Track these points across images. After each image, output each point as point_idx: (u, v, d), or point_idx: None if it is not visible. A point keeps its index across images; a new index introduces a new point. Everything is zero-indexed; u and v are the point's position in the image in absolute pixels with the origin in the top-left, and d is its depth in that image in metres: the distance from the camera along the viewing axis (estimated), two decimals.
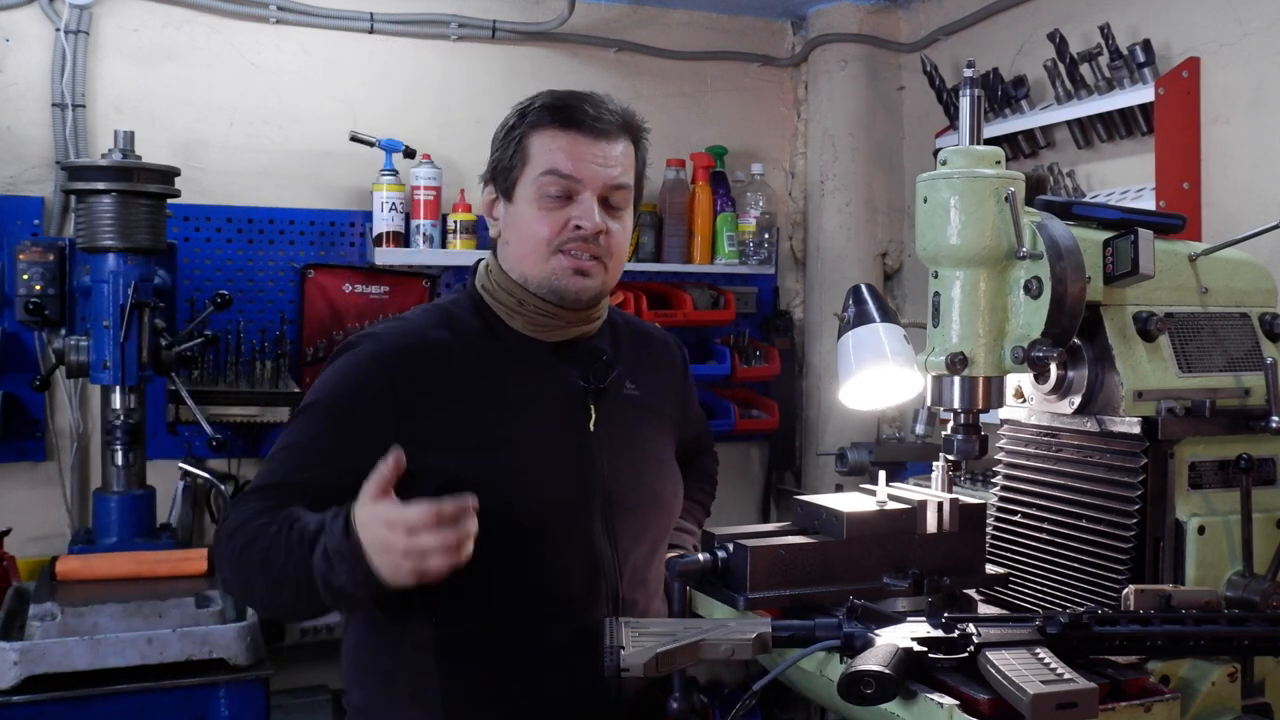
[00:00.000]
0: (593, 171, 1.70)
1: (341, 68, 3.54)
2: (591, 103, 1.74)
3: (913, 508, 1.76)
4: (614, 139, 1.73)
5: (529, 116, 1.73)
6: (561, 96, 1.75)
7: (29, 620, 2.36)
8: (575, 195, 1.70)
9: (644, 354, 1.90)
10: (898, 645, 1.45)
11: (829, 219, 3.98)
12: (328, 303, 3.45)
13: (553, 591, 1.68)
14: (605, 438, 1.74)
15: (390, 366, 1.68)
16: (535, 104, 1.74)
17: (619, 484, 1.74)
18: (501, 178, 1.76)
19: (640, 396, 1.83)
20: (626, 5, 3.86)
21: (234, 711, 2.45)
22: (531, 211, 1.71)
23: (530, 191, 1.71)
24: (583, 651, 1.66)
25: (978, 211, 1.62)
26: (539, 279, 1.72)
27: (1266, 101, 2.72)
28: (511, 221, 1.75)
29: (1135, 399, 1.72)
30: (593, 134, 1.71)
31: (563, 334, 1.76)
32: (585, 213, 1.69)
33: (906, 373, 1.99)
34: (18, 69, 3.23)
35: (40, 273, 3.06)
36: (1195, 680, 1.55)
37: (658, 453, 1.85)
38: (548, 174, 1.70)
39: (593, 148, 1.71)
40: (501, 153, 1.75)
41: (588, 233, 1.69)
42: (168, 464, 3.22)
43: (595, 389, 1.74)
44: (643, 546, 1.77)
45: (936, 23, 3.79)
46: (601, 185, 1.71)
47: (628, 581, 1.73)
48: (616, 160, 1.73)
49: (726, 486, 4.00)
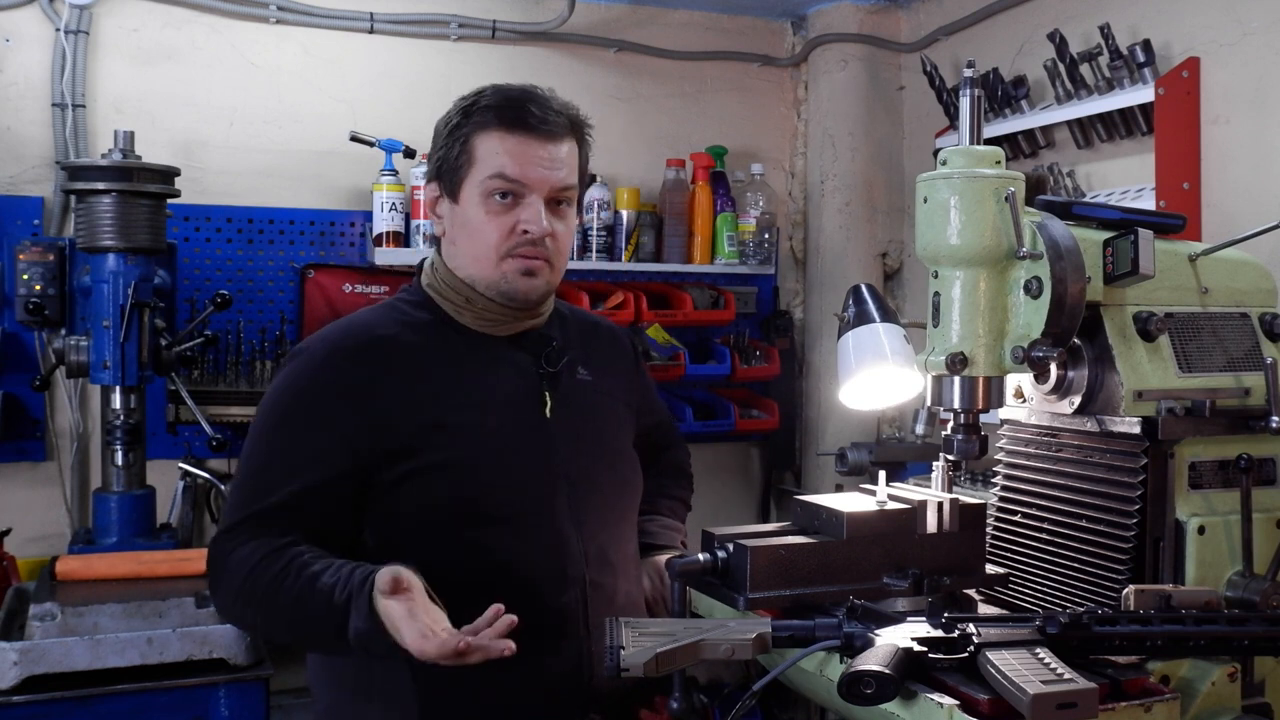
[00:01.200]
0: (540, 175, 1.70)
1: (341, 68, 3.54)
2: (537, 102, 1.72)
3: (913, 508, 1.75)
4: (560, 140, 1.72)
5: (474, 116, 1.71)
6: (507, 96, 1.73)
7: (29, 620, 2.36)
8: (522, 198, 1.70)
9: (593, 342, 1.92)
10: (898, 645, 1.45)
11: (829, 219, 3.98)
12: (328, 303, 3.45)
13: (519, 576, 1.68)
14: (563, 422, 1.76)
15: (341, 364, 1.69)
16: (480, 102, 1.72)
17: (580, 467, 1.75)
18: (447, 177, 1.74)
19: (593, 381, 1.85)
20: (626, 5, 3.86)
21: (234, 711, 2.45)
22: (479, 214, 1.71)
23: (476, 194, 1.70)
24: (552, 635, 1.68)
25: (978, 211, 1.62)
26: (488, 281, 1.72)
27: (1266, 101, 2.72)
28: (458, 222, 1.74)
29: (1135, 399, 1.71)
30: (540, 136, 1.70)
31: (512, 328, 1.78)
32: (533, 217, 1.69)
33: (906, 373, 1.99)
34: (18, 69, 3.24)
35: (40, 273, 3.07)
36: (1195, 680, 1.55)
37: (615, 436, 1.87)
38: (495, 177, 1.69)
39: (539, 150, 1.70)
40: (446, 150, 1.74)
41: (535, 236, 1.70)
42: (168, 464, 3.22)
43: (549, 374, 1.76)
44: (609, 528, 1.79)
45: (936, 23, 3.79)
46: (548, 188, 1.71)
47: (594, 564, 1.74)
48: (563, 162, 1.72)
49: (726, 486, 4.06)
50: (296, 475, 1.64)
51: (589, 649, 1.71)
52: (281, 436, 1.68)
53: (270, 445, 1.69)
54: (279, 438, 1.68)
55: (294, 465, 1.65)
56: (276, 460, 1.67)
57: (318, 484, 1.64)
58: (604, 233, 3.61)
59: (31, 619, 2.36)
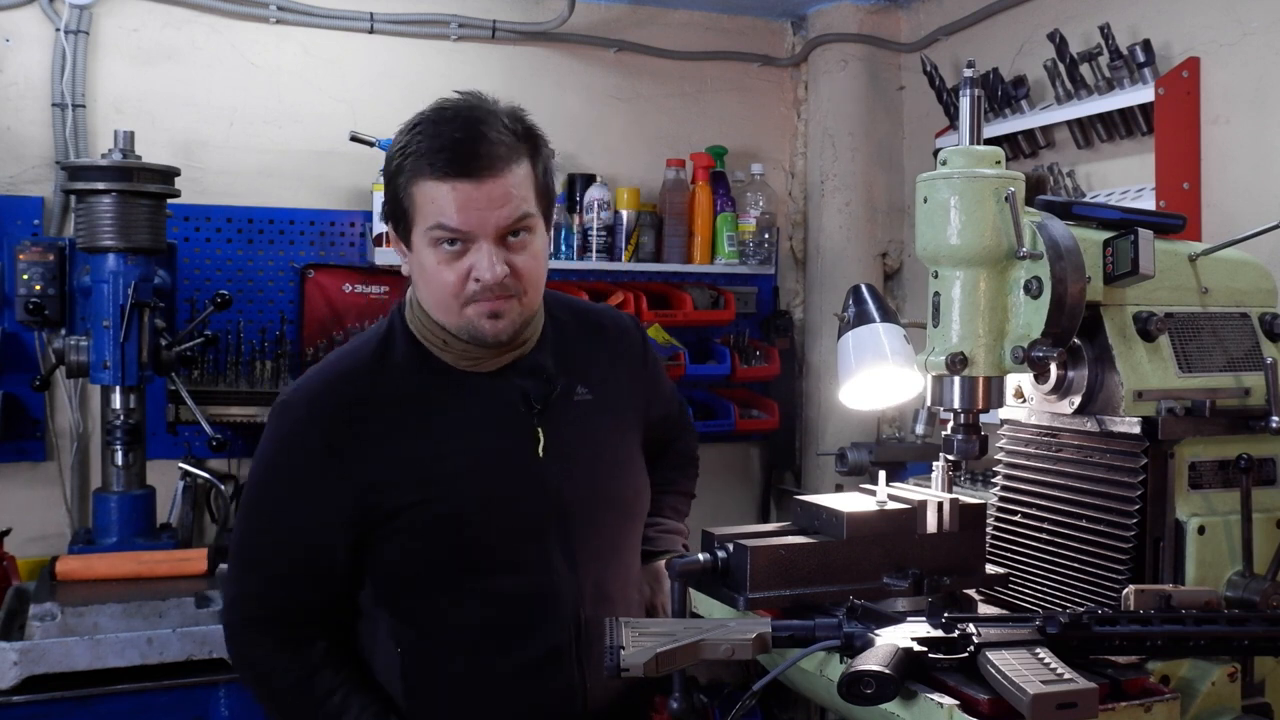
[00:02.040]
0: (481, 219, 1.58)
1: (341, 68, 3.54)
2: (471, 136, 1.58)
3: (913, 508, 1.75)
4: (502, 173, 1.58)
5: (409, 160, 1.60)
6: (441, 132, 1.59)
7: (29, 620, 2.36)
8: (471, 244, 1.59)
9: (597, 344, 1.83)
10: (898, 645, 1.44)
11: (829, 219, 3.98)
12: (328, 303, 3.45)
13: (512, 622, 1.67)
14: (557, 457, 1.70)
15: (325, 426, 1.66)
16: (412, 146, 1.60)
17: (575, 501, 1.71)
18: (396, 221, 1.66)
19: (594, 399, 1.76)
20: (626, 5, 3.86)
21: (234, 711, 2.45)
22: (431, 263, 1.61)
23: (424, 242, 1.61)
24: (545, 674, 1.68)
25: (978, 211, 1.62)
26: (456, 326, 1.65)
27: (1266, 101, 2.72)
28: (416, 268, 1.66)
29: (1135, 399, 1.71)
30: (477, 178, 1.57)
31: (496, 363, 1.70)
32: (484, 264, 1.59)
33: (906, 373, 1.99)
34: (18, 69, 3.23)
35: (40, 273, 3.07)
36: (1195, 680, 1.55)
37: (616, 455, 1.80)
38: (435, 228, 1.59)
39: (477, 194, 1.57)
40: (391, 196, 1.64)
41: (488, 284, 1.59)
42: (168, 464, 3.22)
43: (540, 410, 1.70)
44: (604, 559, 1.75)
45: (936, 23, 3.79)
46: (494, 230, 1.59)
47: (590, 601, 1.71)
48: (508, 197, 1.59)
49: (726, 487, 4.06)
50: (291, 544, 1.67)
51: (582, 684, 1.70)
52: (272, 504, 1.70)
53: (262, 514, 1.71)
54: (269, 506, 1.70)
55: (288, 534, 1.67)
56: (270, 528, 1.69)
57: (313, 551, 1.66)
58: (604, 233, 3.61)
59: (31, 619, 2.36)
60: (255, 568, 1.70)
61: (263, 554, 1.69)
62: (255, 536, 1.71)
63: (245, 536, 1.72)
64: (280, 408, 1.70)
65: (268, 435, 1.70)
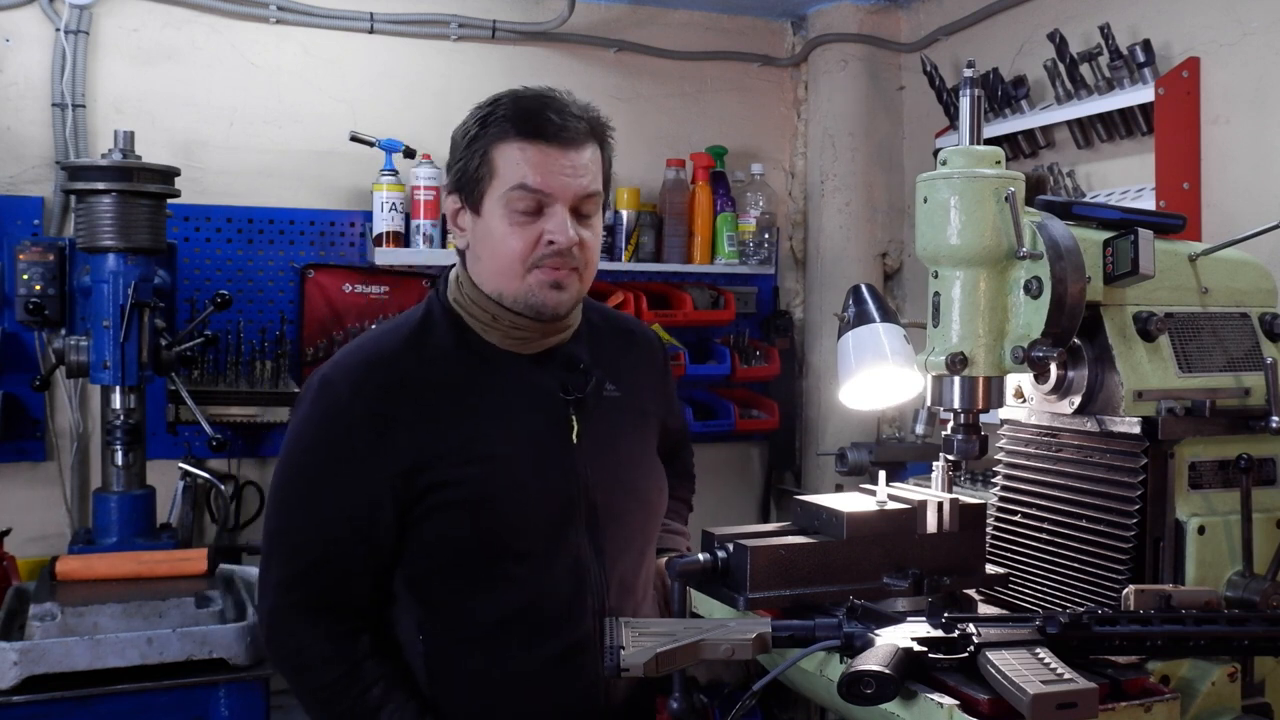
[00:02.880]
0: (563, 184, 1.65)
1: (341, 68, 3.54)
2: (556, 109, 1.67)
3: (913, 508, 1.75)
4: (581, 146, 1.68)
5: (491, 126, 1.66)
6: (525, 103, 1.68)
7: (29, 620, 2.36)
8: (546, 208, 1.65)
9: (625, 350, 1.87)
10: (898, 645, 1.45)
11: (829, 219, 3.98)
12: (328, 303, 3.45)
13: (538, 608, 1.67)
14: (589, 447, 1.72)
15: (368, 400, 1.66)
16: (498, 112, 1.68)
17: (604, 493, 1.72)
18: (468, 190, 1.69)
19: (621, 397, 1.80)
20: (626, 5, 3.86)
21: (234, 711, 2.45)
22: (503, 227, 1.66)
23: (499, 206, 1.65)
24: (570, 666, 1.68)
25: (978, 211, 1.62)
26: (515, 295, 1.68)
27: (1266, 101, 2.72)
28: (482, 235, 1.69)
29: (1135, 399, 1.71)
30: (560, 144, 1.65)
31: (539, 345, 1.73)
32: (559, 227, 1.65)
33: (906, 373, 1.99)
34: (18, 69, 3.23)
35: (40, 273, 3.06)
36: (1195, 680, 1.55)
37: (642, 454, 1.84)
38: (517, 189, 1.64)
39: (561, 159, 1.65)
40: (466, 163, 1.68)
41: (562, 247, 1.65)
42: (168, 464, 3.22)
43: (576, 399, 1.73)
44: (629, 555, 1.77)
45: (936, 23, 3.79)
46: (573, 196, 1.66)
47: (614, 593, 1.72)
48: (586, 169, 1.68)
49: (726, 487, 4.05)
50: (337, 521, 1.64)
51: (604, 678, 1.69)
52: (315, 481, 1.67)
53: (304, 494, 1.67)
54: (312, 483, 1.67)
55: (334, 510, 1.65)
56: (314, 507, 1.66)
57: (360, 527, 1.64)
58: (604, 233, 3.60)
59: (31, 619, 2.36)
60: (300, 551, 1.66)
61: (307, 535, 1.66)
62: (298, 517, 1.67)
63: (285, 518, 1.68)
64: (320, 384, 1.69)
65: (305, 414, 1.69)
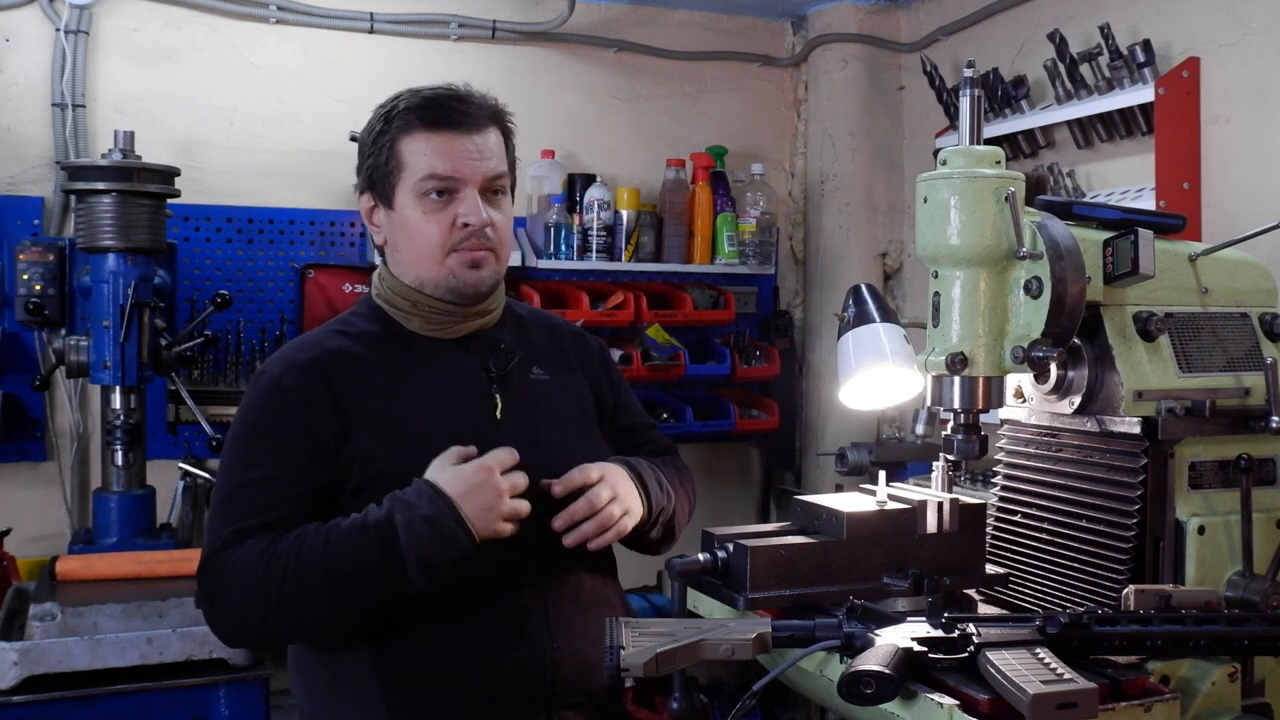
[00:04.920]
0: (471, 168, 1.72)
1: (341, 68, 3.54)
2: (457, 98, 1.76)
3: (913, 508, 1.75)
4: (484, 130, 1.75)
5: (395, 120, 1.74)
6: (425, 96, 1.76)
7: (29, 620, 2.36)
8: (456, 193, 1.73)
9: (553, 340, 1.93)
10: (898, 645, 1.45)
11: (829, 219, 3.98)
12: (328, 303, 3.45)
13: (476, 579, 1.68)
14: (515, 423, 1.76)
15: (299, 379, 1.71)
16: (400, 106, 1.76)
17: (535, 467, 1.72)
18: (379, 185, 1.77)
19: (550, 380, 1.85)
20: (626, 5, 3.86)
21: (234, 711, 2.45)
22: (416, 216, 1.73)
23: (411, 196, 1.73)
24: (513, 635, 1.69)
25: (978, 211, 1.62)
26: (435, 280, 1.75)
27: (1266, 101, 2.72)
28: (398, 227, 1.76)
29: (1135, 399, 1.71)
30: (465, 130, 1.73)
31: (461, 329, 1.79)
32: (471, 209, 1.72)
33: (906, 373, 1.99)
34: (18, 69, 3.24)
35: (40, 273, 3.07)
36: (1195, 680, 1.55)
37: (576, 436, 1.86)
38: (428, 178, 1.72)
39: (467, 143, 1.73)
40: (375, 159, 1.77)
41: (475, 228, 1.72)
42: (168, 464, 3.22)
43: (499, 376, 1.78)
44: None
45: (936, 23, 3.80)
46: (481, 179, 1.73)
47: (554, 561, 1.73)
48: (491, 151, 1.75)
49: (726, 487, 4.05)
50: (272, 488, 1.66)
51: (552, 645, 1.70)
52: (252, 456, 1.70)
53: (243, 465, 1.70)
54: (250, 457, 1.70)
55: (268, 479, 1.66)
56: (252, 477, 1.68)
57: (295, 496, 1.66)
58: (604, 233, 3.61)
59: (31, 619, 2.36)
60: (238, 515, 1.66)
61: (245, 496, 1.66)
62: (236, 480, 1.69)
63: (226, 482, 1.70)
64: (256, 374, 1.78)
65: (246, 401, 1.75)
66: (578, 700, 1.74)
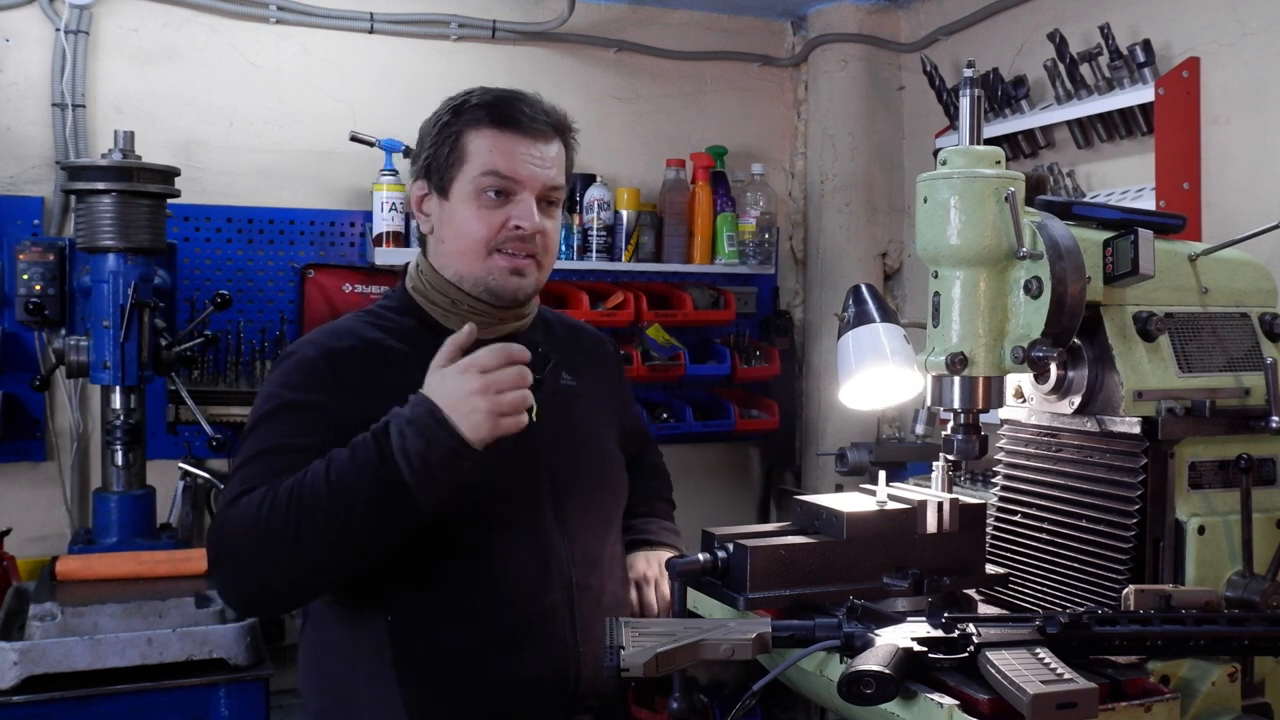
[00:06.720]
0: (531, 172, 1.73)
1: (341, 68, 3.54)
2: (527, 103, 1.77)
3: (913, 508, 1.75)
4: (549, 140, 1.77)
5: (465, 114, 1.75)
6: (498, 95, 1.77)
7: (29, 620, 2.36)
8: (513, 195, 1.73)
9: (577, 348, 1.94)
10: (898, 645, 1.44)
11: (829, 219, 3.98)
12: (328, 303, 3.45)
13: (504, 579, 1.69)
14: (548, 426, 1.76)
15: (331, 361, 1.69)
16: (471, 101, 1.76)
17: (564, 470, 1.76)
18: (437, 174, 1.76)
19: (577, 387, 1.87)
20: (626, 5, 3.86)
21: (234, 711, 2.45)
22: (469, 210, 1.73)
23: (468, 190, 1.73)
24: (538, 636, 1.69)
25: (978, 211, 1.62)
26: (475, 278, 1.74)
27: (1266, 101, 2.72)
28: (447, 219, 1.76)
29: (1135, 399, 1.71)
30: (530, 135, 1.74)
31: (497, 330, 1.78)
32: (525, 213, 1.72)
33: (906, 373, 1.99)
34: (18, 69, 3.24)
35: (40, 273, 3.07)
36: (1195, 680, 1.55)
37: (599, 439, 1.89)
38: (488, 174, 1.72)
39: (530, 149, 1.74)
40: (436, 149, 1.76)
41: (526, 233, 1.72)
42: (168, 464, 3.23)
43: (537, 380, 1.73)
44: (593, 529, 1.81)
45: (936, 23, 3.80)
46: (540, 186, 1.74)
47: (579, 565, 1.75)
48: (552, 161, 1.77)
49: (726, 487, 4.06)
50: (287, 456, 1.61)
51: (575, 649, 1.72)
52: (280, 427, 1.67)
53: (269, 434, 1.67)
54: (282, 425, 1.67)
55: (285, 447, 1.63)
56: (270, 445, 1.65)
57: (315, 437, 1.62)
58: (604, 233, 3.61)
59: (31, 619, 2.36)
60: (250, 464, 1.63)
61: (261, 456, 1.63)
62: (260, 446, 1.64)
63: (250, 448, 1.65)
64: (285, 354, 1.75)
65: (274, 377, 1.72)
66: (592, 703, 1.75)
